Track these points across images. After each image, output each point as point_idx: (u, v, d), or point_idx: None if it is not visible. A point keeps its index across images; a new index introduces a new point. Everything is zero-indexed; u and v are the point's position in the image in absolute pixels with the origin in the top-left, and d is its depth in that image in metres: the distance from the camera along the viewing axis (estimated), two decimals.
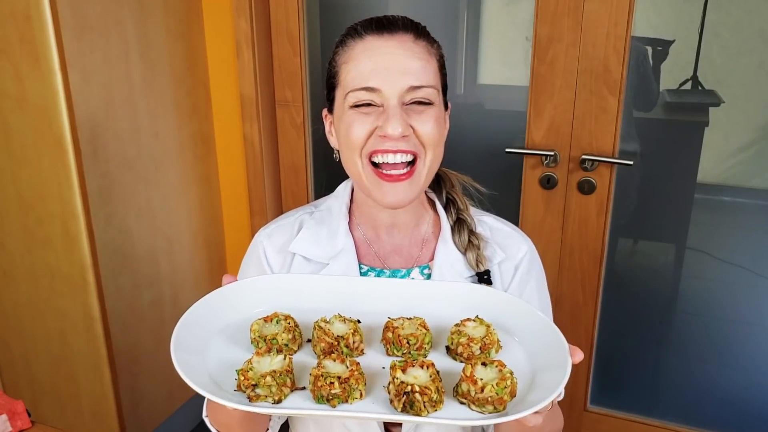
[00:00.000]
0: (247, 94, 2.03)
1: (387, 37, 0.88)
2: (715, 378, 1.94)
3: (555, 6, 1.66)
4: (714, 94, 1.69)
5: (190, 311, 0.80)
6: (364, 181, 0.92)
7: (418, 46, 0.89)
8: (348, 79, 0.89)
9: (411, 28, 0.90)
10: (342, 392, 0.70)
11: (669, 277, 1.93)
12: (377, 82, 0.86)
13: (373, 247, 1.00)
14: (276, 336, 0.78)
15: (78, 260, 1.72)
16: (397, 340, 0.78)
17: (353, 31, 0.90)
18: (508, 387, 0.70)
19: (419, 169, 0.90)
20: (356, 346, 0.79)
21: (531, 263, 1.01)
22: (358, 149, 0.89)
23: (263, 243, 1.02)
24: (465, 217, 1.00)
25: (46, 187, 1.68)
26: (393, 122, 0.85)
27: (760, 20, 1.60)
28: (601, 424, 2.00)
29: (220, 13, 1.99)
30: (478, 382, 0.70)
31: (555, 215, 1.82)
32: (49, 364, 1.90)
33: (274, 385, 0.71)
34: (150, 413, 2.03)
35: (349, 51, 0.89)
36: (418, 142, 0.89)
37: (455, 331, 0.80)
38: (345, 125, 0.90)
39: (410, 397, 0.69)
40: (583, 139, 1.74)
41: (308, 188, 2.17)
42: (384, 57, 0.87)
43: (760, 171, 1.73)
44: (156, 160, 1.91)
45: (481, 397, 0.70)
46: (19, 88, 1.60)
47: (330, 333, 0.78)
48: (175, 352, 0.72)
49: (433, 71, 0.90)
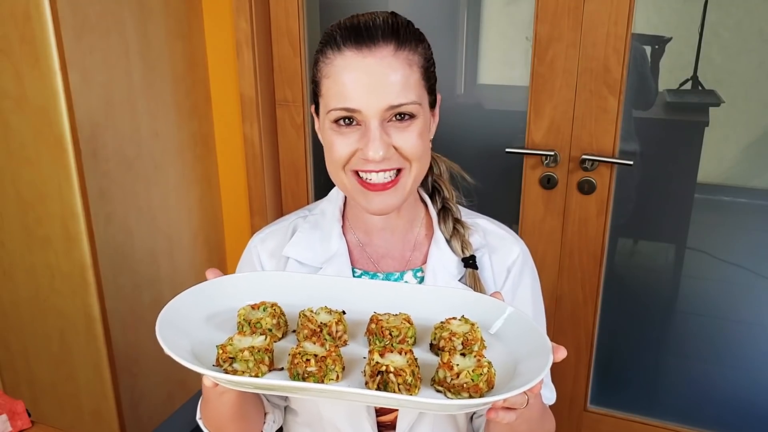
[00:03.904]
0: (247, 94, 2.03)
1: (365, 53, 0.84)
2: (715, 378, 1.94)
3: (555, 6, 1.66)
4: (714, 94, 1.69)
5: (177, 298, 0.79)
6: (349, 189, 0.92)
7: (397, 59, 0.85)
8: (329, 96, 0.87)
9: (391, 35, 0.85)
10: (318, 371, 0.69)
11: (669, 277, 1.93)
12: (356, 103, 0.84)
13: (366, 251, 1.00)
14: (260, 320, 0.78)
15: (78, 260, 1.72)
16: (380, 332, 0.78)
17: (332, 41, 0.86)
18: (484, 375, 0.69)
19: (404, 179, 0.90)
20: (339, 336, 0.79)
21: (523, 265, 1.01)
22: (341, 165, 0.89)
23: (257, 248, 1.02)
24: (450, 206, 1.01)
25: (46, 187, 1.68)
26: (373, 146, 0.84)
27: (760, 20, 1.60)
28: (601, 424, 2.00)
29: (220, 13, 2.00)
30: (454, 368, 0.69)
31: (555, 215, 1.82)
32: (49, 364, 1.90)
33: (251, 361, 0.71)
34: (150, 413, 2.03)
35: (329, 65, 0.87)
36: (402, 158, 0.88)
37: (439, 327, 0.79)
38: (328, 142, 0.90)
39: (384, 377, 0.68)
40: (583, 139, 1.74)
41: (308, 188, 2.17)
42: (363, 75, 0.84)
43: (760, 171, 1.73)
44: (156, 160, 1.91)
45: (456, 384, 0.69)
46: (19, 88, 1.60)
47: (314, 320, 0.78)
48: (159, 328, 0.71)
49: (415, 82, 0.86)
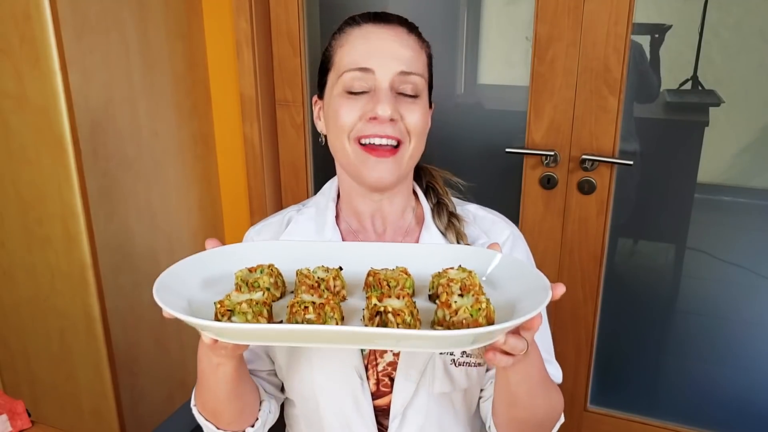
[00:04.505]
0: (247, 94, 2.03)
1: (383, 26, 0.94)
2: (715, 378, 1.94)
3: (555, 6, 1.66)
4: (714, 94, 1.69)
5: (175, 265, 0.80)
6: (351, 158, 0.94)
7: (410, 38, 0.95)
8: (343, 61, 0.93)
9: (405, 23, 0.96)
10: (317, 318, 0.69)
11: (669, 277, 1.93)
12: (371, 63, 0.91)
13: (359, 238, 1.03)
14: (258, 280, 0.78)
15: (78, 260, 1.72)
16: (378, 283, 0.77)
17: (351, 20, 0.96)
18: (483, 310, 0.67)
19: (402, 152, 0.94)
20: (337, 291, 0.78)
21: (514, 245, 1.02)
22: (346, 132, 0.93)
23: (253, 240, 1.05)
24: (445, 201, 1.04)
25: (46, 187, 1.68)
26: (383, 104, 0.90)
27: (760, 20, 1.60)
28: (601, 424, 2.00)
29: (220, 13, 2.00)
30: (453, 305, 0.69)
31: (555, 215, 1.82)
32: (49, 364, 1.90)
33: (249, 313, 0.70)
34: (150, 413, 2.03)
35: (345, 36, 0.95)
36: (404, 129, 0.93)
37: (436, 275, 0.79)
38: (334, 108, 0.94)
39: (383, 318, 0.67)
40: (583, 139, 1.73)
41: (308, 188, 2.17)
42: (379, 42, 0.93)
43: (760, 171, 1.73)
44: (156, 159, 1.91)
45: (455, 321, 0.68)
46: (19, 88, 1.60)
47: (311, 276, 0.78)
48: (157, 291, 0.71)
49: (422, 63, 0.95)
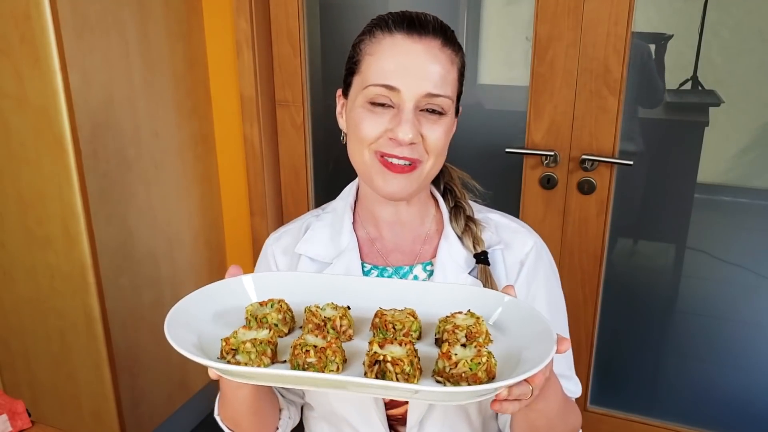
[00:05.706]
0: (247, 94, 2.03)
1: (416, 39, 0.88)
2: (715, 378, 1.94)
3: (555, 6, 1.66)
4: (714, 94, 1.69)
5: (186, 298, 0.80)
6: (368, 166, 0.92)
7: (443, 53, 0.89)
8: (369, 72, 0.89)
9: (440, 32, 0.89)
10: (318, 362, 0.68)
11: (669, 277, 1.93)
12: (398, 82, 0.87)
13: (376, 245, 1.01)
14: (267, 315, 0.78)
15: (78, 260, 1.72)
16: (383, 325, 0.77)
17: (384, 24, 0.90)
18: (482, 364, 0.66)
19: (420, 170, 0.92)
20: (344, 330, 0.78)
21: (537, 258, 0.99)
22: (366, 145, 0.91)
23: (272, 246, 1.05)
24: (462, 204, 1.02)
25: (46, 187, 1.67)
26: (404, 127, 0.86)
27: (760, 20, 1.60)
28: (601, 424, 2.00)
29: (220, 13, 1.99)
30: (453, 357, 0.68)
31: (555, 215, 1.82)
32: (49, 364, 1.90)
33: (253, 353, 0.70)
34: (150, 413, 2.03)
35: (375, 43, 0.89)
36: (424, 150, 0.90)
37: (443, 320, 0.78)
38: (357, 119, 0.91)
39: (382, 366, 0.67)
40: (583, 139, 1.74)
41: (308, 188, 2.17)
42: (409, 58, 0.87)
43: (760, 171, 1.73)
44: (156, 160, 1.91)
45: (455, 373, 0.67)
46: (19, 88, 1.60)
47: (318, 314, 0.78)
48: (168, 326, 0.72)
49: (452, 81, 0.90)
